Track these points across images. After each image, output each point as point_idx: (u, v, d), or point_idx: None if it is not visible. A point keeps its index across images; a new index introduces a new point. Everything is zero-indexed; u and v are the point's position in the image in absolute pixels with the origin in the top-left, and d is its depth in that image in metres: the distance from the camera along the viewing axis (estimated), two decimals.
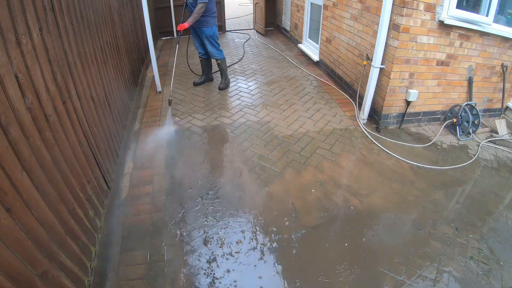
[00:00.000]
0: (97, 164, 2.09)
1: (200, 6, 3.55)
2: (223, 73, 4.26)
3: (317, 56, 5.01)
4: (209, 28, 3.83)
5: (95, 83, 2.29)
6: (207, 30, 3.83)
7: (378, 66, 3.11)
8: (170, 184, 2.53)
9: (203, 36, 3.89)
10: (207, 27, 3.81)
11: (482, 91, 3.45)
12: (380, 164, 2.81)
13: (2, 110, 1.12)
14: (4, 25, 1.19)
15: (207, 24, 3.79)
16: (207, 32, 3.85)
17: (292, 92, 4.15)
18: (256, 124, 3.39)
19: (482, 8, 3.00)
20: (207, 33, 3.85)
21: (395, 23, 2.87)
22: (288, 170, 2.70)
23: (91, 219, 1.83)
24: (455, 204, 2.43)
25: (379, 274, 1.86)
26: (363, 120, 3.43)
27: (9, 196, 1.09)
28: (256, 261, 1.93)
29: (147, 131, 3.26)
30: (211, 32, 3.87)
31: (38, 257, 1.21)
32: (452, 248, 2.04)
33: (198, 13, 3.59)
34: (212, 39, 3.92)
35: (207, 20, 3.77)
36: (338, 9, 4.08)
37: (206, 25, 3.79)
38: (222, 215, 2.25)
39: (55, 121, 1.55)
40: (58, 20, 1.73)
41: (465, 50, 3.08)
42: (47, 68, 1.54)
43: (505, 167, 2.91)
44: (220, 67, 4.20)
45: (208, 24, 3.80)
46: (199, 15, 3.61)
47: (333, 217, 2.25)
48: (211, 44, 3.94)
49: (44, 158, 1.39)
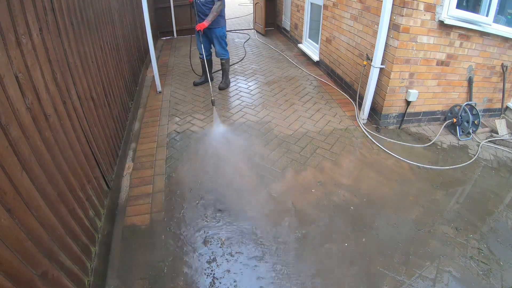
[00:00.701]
0: (97, 164, 2.09)
1: (218, 4, 3.58)
2: (224, 73, 4.27)
3: (317, 56, 5.01)
4: (220, 28, 3.84)
5: (95, 83, 2.29)
6: (218, 30, 3.84)
7: (378, 66, 3.11)
8: (170, 184, 2.54)
9: (213, 36, 3.90)
10: (218, 27, 3.82)
11: (482, 91, 3.45)
12: (380, 164, 2.81)
13: (2, 110, 1.12)
14: (4, 25, 1.19)
15: (218, 24, 3.81)
16: (218, 32, 3.86)
17: (292, 92, 4.15)
18: (256, 124, 3.39)
19: (482, 8, 3.00)
20: (218, 33, 3.87)
21: (395, 23, 2.87)
22: (288, 170, 2.70)
23: (91, 219, 1.83)
24: (455, 204, 2.43)
25: (379, 274, 1.86)
26: (363, 120, 3.43)
27: (9, 196, 1.09)
28: (256, 261, 1.93)
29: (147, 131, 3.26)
30: (221, 33, 3.89)
31: (38, 257, 1.21)
32: (452, 248, 2.04)
33: (217, 11, 3.61)
34: (222, 39, 3.94)
35: (218, 20, 3.78)
36: (338, 9, 4.08)
37: (217, 25, 3.80)
38: (222, 215, 2.25)
39: (55, 121, 1.55)
40: (58, 20, 1.73)
41: (465, 50, 3.08)
42: (47, 68, 1.54)
43: (505, 167, 2.91)
44: (223, 67, 4.22)
45: (219, 24, 3.82)
46: (218, 13, 3.63)
47: (333, 217, 2.25)
48: (220, 44, 3.96)
49: (44, 158, 1.39)
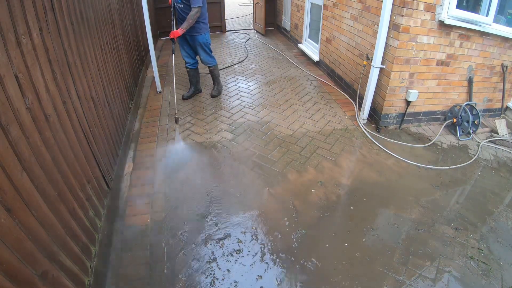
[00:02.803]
0: (97, 164, 2.09)
1: (195, 11, 3.30)
2: (215, 79, 4.04)
3: (317, 56, 5.01)
4: (202, 35, 3.58)
5: (95, 83, 2.29)
6: (200, 37, 3.58)
7: (378, 66, 3.11)
8: (170, 184, 2.54)
9: (196, 44, 3.65)
10: (200, 34, 3.56)
11: (482, 91, 3.45)
12: (380, 164, 2.81)
13: (2, 110, 1.12)
14: (4, 25, 1.19)
15: (200, 31, 3.55)
16: (201, 40, 3.60)
17: (292, 92, 4.15)
18: (256, 124, 3.39)
19: (482, 8, 3.01)
20: (201, 41, 3.61)
21: (395, 23, 2.87)
22: (288, 170, 2.70)
23: (91, 219, 1.83)
24: (455, 204, 2.43)
25: (379, 274, 1.86)
26: (363, 120, 3.43)
27: (9, 196, 1.09)
28: (256, 261, 1.93)
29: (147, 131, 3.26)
30: (204, 40, 3.63)
31: (38, 257, 1.21)
32: (452, 248, 2.04)
33: (192, 19, 3.35)
34: (206, 47, 3.69)
35: (200, 27, 3.52)
36: (338, 9, 4.08)
37: (199, 32, 3.54)
38: (221, 215, 2.25)
39: (55, 121, 1.55)
40: (58, 20, 1.73)
41: (465, 50, 3.08)
42: (47, 68, 1.54)
43: (505, 167, 2.91)
44: (213, 74, 3.98)
45: (201, 31, 3.55)
46: (193, 20, 3.37)
47: (333, 217, 2.25)
48: (204, 51, 3.72)
49: (44, 158, 1.39)
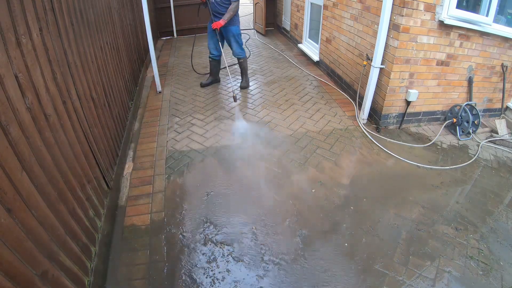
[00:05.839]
0: (97, 164, 2.09)
1: (235, 4, 3.61)
2: (244, 72, 4.25)
3: (317, 56, 5.01)
4: (236, 26, 3.85)
5: (95, 83, 2.29)
6: (234, 28, 3.84)
7: (378, 66, 3.11)
8: (170, 184, 2.54)
9: (230, 35, 3.89)
10: (234, 25, 3.82)
11: (482, 91, 3.45)
12: (380, 164, 2.81)
13: (2, 110, 1.12)
14: (4, 25, 1.19)
15: (234, 23, 3.81)
16: (234, 31, 3.86)
17: (292, 92, 4.15)
18: (256, 124, 3.39)
19: (482, 8, 3.00)
20: (235, 32, 3.86)
21: (395, 23, 2.87)
22: (288, 169, 2.70)
23: (91, 219, 1.83)
24: (455, 204, 2.43)
25: (379, 274, 1.86)
26: (363, 120, 3.43)
27: (9, 196, 1.09)
28: (256, 261, 1.93)
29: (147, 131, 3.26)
30: (237, 31, 3.89)
31: (38, 257, 1.21)
32: (452, 248, 2.04)
33: (234, 11, 3.63)
34: (238, 38, 3.94)
35: (234, 19, 3.78)
36: (338, 9, 4.07)
37: (233, 23, 3.80)
38: (221, 216, 2.25)
39: (55, 121, 1.55)
40: (58, 20, 1.73)
41: (465, 50, 3.08)
42: (47, 68, 1.54)
43: (505, 167, 2.91)
44: (242, 66, 4.19)
45: (235, 23, 3.83)
46: (234, 12, 3.65)
47: (333, 217, 2.25)
48: (237, 42, 3.96)
49: (44, 158, 1.39)
